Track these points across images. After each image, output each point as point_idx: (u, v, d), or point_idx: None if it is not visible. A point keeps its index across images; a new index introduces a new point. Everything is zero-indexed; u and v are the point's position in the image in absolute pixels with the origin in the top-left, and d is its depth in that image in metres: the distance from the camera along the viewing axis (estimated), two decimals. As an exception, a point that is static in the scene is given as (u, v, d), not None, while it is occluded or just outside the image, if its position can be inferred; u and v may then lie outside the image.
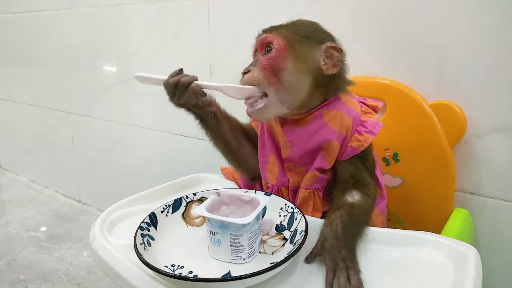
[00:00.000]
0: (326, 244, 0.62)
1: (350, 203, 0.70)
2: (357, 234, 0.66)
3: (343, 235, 0.63)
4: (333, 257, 0.60)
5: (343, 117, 0.74)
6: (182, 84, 0.69)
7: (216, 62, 1.35)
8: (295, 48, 0.70)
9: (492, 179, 0.91)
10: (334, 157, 0.75)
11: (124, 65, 1.67)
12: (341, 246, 0.61)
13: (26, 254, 1.64)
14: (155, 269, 0.55)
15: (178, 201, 0.75)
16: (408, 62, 0.96)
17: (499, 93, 0.86)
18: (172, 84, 0.70)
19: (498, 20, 0.84)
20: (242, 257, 0.62)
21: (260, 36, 0.73)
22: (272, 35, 0.71)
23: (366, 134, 0.75)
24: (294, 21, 0.75)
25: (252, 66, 0.71)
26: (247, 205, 0.69)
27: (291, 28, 0.73)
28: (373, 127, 0.76)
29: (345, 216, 0.66)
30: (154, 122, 1.63)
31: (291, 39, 0.70)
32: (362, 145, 0.75)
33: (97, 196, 2.04)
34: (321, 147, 0.75)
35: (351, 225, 0.65)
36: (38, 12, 1.98)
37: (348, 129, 0.75)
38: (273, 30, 0.73)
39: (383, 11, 0.97)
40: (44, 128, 2.21)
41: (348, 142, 0.75)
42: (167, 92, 0.72)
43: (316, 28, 0.74)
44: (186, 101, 0.71)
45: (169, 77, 0.70)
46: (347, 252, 0.61)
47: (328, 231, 0.64)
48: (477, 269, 0.57)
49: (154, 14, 1.48)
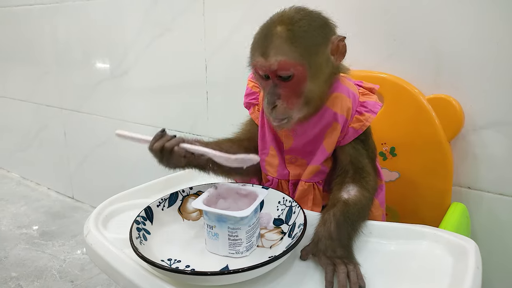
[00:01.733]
0: (320, 245, 0.61)
1: (344, 200, 0.68)
2: (352, 232, 0.64)
3: (337, 234, 0.62)
4: (329, 256, 0.59)
5: (343, 99, 0.73)
6: (166, 150, 0.67)
7: (211, 56, 1.34)
8: (312, 65, 0.66)
9: (489, 173, 0.91)
10: (335, 141, 0.74)
11: (117, 60, 1.65)
12: (335, 245, 0.60)
13: (18, 252, 1.62)
14: (151, 263, 0.54)
15: (174, 195, 0.74)
16: (405, 56, 0.96)
17: (496, 87, 0.86)
18: (157, 150, 0.67)
19: (496, 15, 0.83)
20: (240, 251, 0.61)
21: (266, 61, 0.65)
22: (286, 61, 0.64)
23: (367, 114, 0.74)
24: (289, 25, 0.65)
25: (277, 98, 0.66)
26: (244, 199, 0.68)
27: (296, 42, 0.64)
28: (374, 106, 0.75)
29: (338, 214, 0.65)
30: (147, 117, 1.62)
31: (306, 58, 0.65)
32: (363, 125, 0.74)
33: (91, 192, 2.02)
34: (324, 133, 0.74)
35: (345, 223, 0.64)
36: (29, 6, 1.95)
37: (349, 110, 0.74)
38: (279, 51, 0.64)
39: (381, 5, 0.97)
40: (36, 124, 2.18)
41: (350, 123, 0.74)
42: (155, 157, 0.68)
43: (317, 27, 0.67)
44: (176, 165, 0.70)
45: (152, 141, 0.67)
46: (343, 251, 0.60)
47: (322, 231, 0.63)
48: (477, 262, 0.57)
49: (147, 7, 1.47)
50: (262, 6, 1.17)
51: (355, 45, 1.00)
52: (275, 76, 0.67)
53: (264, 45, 0.66)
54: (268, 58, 0.65)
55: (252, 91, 0.83)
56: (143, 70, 1.57)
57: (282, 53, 0.64)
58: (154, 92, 1.55)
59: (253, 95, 0.82)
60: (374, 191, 0.74)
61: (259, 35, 0.69)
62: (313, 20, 0.67)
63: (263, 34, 0.68)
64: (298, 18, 0.66)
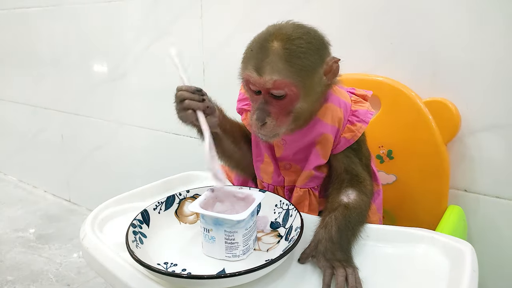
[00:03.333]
0: (320, 247, 0.61)
1: (345, 203, 0.68)
2: (353, 236, 0.64)
3: (338, 238, 0.62)
4: (328, 259, 0.59)
5: (334, 109, 0.73)
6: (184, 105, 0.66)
7: (209, 59, 1.34)
8: (305, 85, 0.66)
9: (486, 176, 0.91)
10: (329, 151, 0.74)
11: (114, 62, 1.65)
12: (336, 248, 0.60)
13: (14, 255, 1.61)
14: (147, 267, 0.54)
15: (171, 198, 0.74)
16: (402, 59, 0.96)
17: (492, 90, 0.86)
18: (178, 97, 0.67)
19: (491, 18, 0.84)
20: (237, 254, 0.61)
21: (261, 78, 0.64)
22: (281, 81, 0.63)
23: (358, 124, 0.74)
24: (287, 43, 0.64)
25: (266, 116, 0.66)
26: (241, 202, 0.68)
27: (292, 62, 0.64)
28: (365, 115, 0.75)
29: (340, 218, 0.65)
30: (145, 120, 1.61)
31: (300, 79, 0.65)
32: (355, 135, 0.74)
33: (87, 195, 2.02)
34: (315, 142, 0.74)
35: (346, 227, 0.64)
36: (26, 9, 1.95)
37: (340, 120, 0.74)
38: (274, 70, 0.63)
39: (378, 9, 0.97)
40: (33, 127, 2.17)
41: (341, 133, 0.74)
42: (175, 99, 0.68)
43: (314, 48, 0.66)
44: (183, 121, 0.69)
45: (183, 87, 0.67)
46: (342, 254, 0.60)
47: (323, 233, 0.63)
48: (473, 265, 0.57)
49: (145, 10, 1.47)
50: (260, 11, 1.18)
51: (353, 49, 1.01)
52: (267, 93, 0.66)
53: (259, 60, 0.65)
54: (263, 76, 0.64)
55: (245, 97, 0.81)
56: (141, 73, 1.56)
57: (278, 72, 0.63)
58: (152, 94, 1.55)
59: (246, 100, 0.81)
60: (372, 196, 0.75)
61: (254, 47, 0.67)
62: (310, 41, 0.66)
63: (258, 47, 0.66)
64: (296, 36, 0.65)
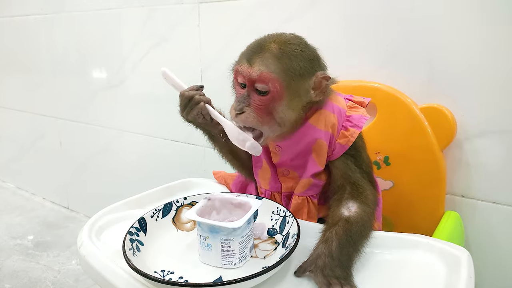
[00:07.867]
0: (319, 262, 0.60)
1: (346, 217, 0.67)
2: (354, 252, 0.63)
3: (338, 254, 0.60)
4: (326, 275, 0.58)
5: (327, 115, 0.73)
6: (194, 100, 0.71)
7: (207, 67, 1.35)
8: (290, 88, 0.67)
9: (482, 181, 0.91)
10: (324, 157, 0.74)
11: (113, 70, 1.66)
12: (335, 265, 0.59)
13: (12, 262, 1.60)
14: (144, 275, 0.54)
15: (168, 206, 0.74)
16: (398, 66, 0.97)
17: (488, 96, 0.87)
18: (187, 97, 0.72)
19: (487, 23, 0.85)
20: (233, 262, 0.61)
21: (250, 67, 0.67)
22: (267, 74, 0.66)
23: (352, 129, 0.74)
24: (283, 45, 0.68)
25: (245, 105, 0.68)
26: (238, 209, 0.68)
27: (282, 61, 0.66)
28: (358, 120, 0.75)
29: (341, 233, 0.63)
30: (143, 127, 1.62)
31: (286, 79, 0.66)
32: (349, 140, 0.74)
33: (86, 202, 2.01)
34: (310, 149, 0.74)
35: (347, 243, 0.62)
36: (25, 17, 1.96)
37: (334, 126, 0.74)
38: (264, 63, 0.66)
39: (374, 15, 0.98)
40: (32, 133, 2.17)
41: (336, 139, 0.74)
42: (180, 103, 0.74)
43: (306, 57, 0.69)
44: (193, 119, 0.73)
45: (188, 88, 0.73)
46: (341, 271, 0.59)
47: (322, 248, 0.62)
48: (470, 271, 0.57)
49: (143, 18, 1.47)
50: (257, 19, 1.19)
51: (349, 56, 1.02)
52: (251, 87, 0.68)
53: (253, 54, 0.68)
54: (252, 66, 0.67)
55: None
56: (139, 79, 1.57)
57: (266, 66, 0.66)
58: (150, 101, 1.55)
59: None
60: (375, 205, 0.73)
61: (252, 45, 0.71)
62: (304, 50, 0.69)
63: (255, 45, 0.70)
64: (293, 43, 0.69)
